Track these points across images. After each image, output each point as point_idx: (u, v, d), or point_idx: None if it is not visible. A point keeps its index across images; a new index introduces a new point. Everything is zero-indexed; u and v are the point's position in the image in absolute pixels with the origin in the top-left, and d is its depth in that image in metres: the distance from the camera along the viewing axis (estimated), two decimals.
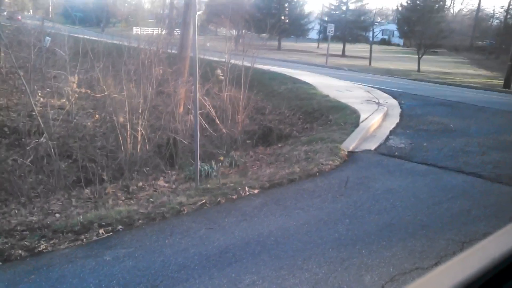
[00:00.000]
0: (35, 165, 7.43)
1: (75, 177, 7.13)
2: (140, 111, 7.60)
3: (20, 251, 3.94)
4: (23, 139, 8.68)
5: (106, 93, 8.11)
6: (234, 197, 5.37)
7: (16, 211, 5.65)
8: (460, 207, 5.13)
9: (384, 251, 4.01)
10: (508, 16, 50.63)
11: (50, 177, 7.15)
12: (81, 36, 14.80)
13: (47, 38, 10.31)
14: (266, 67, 15.43)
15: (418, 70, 27.76)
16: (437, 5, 43.51)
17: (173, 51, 12.89)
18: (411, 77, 22.91)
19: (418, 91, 14.87)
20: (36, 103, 9.29)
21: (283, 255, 3.93)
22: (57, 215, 5.32)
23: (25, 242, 4.11)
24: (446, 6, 52.22)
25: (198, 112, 6.09)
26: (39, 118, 7.47)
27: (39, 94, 10.14)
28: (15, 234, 4.47)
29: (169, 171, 7.11)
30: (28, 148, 7.25)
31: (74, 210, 5.48)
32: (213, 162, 6.88)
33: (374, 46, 36.65)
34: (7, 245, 4.05)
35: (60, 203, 5.86)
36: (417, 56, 29.85)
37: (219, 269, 3.66)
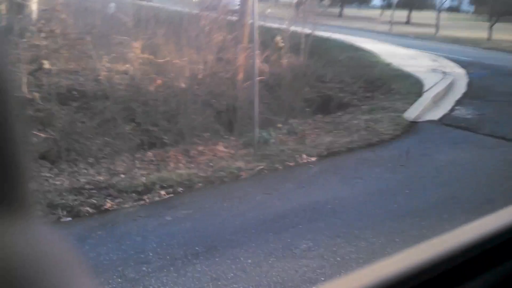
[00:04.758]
0: (103, 127, 7.76)
1: (139, 140, 7.38)
2: (200, 77, 7.69)
3: (88, 208, 4.17)
4: (91, 103, 9.06)
5: (167, 58, 8.25)
6: (291, 164, 5.38)
7: (85, 171, 5.95)
8: None
9: (445, 224, 3.90)
10: None
11: (115, 139, 7.45)
12: (145, 2, 15.12)
13: (112, 4, 10.56)
14: (326, 34, 15.09)
15: (490, 39, 26.17)
16: None
17: (234, 18, 12.87)
18: (481, 46, 21.66)
19: (488, 60, 14.06)
20: (103, 67, 9.63)
21: (339, 223, 3.92)
22: (122, 175, 5.56)
23: (93, 200, 4.34)
24: None
25: (256, 78, 6.08)
26: (103, 82, 7.74)
27: (105, 59, 10.48)
28: (84, 192, 4.72)
29: (228, 137, 7.21)
30: (94, 111, 7.56)
31: (138, 171, 5.70)
32: (271, 129, 6.89)
33: (442, 14, 34.80)
34: (76, 202, 4.29)
35: (125, 164, 6.10)
36: (488, 23, 28.10)
37: (275, 234, 3.71)
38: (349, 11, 48.13)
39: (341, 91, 10.00)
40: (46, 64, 10.96)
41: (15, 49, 11.22)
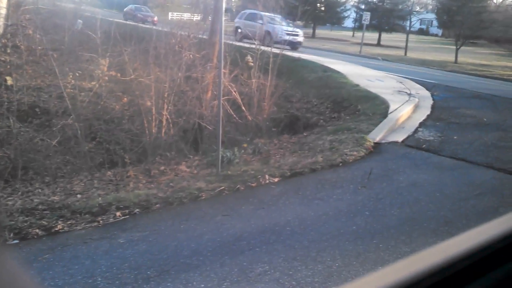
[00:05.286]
0: (63, 145, 7.56)
1: (101, 158, 7.21)
2: (165, 95, 7.60)
3: (37, 230, 4.00)
4: (53, 120, 8.85)
5: (132, 76, 8.14)
6: (253, 184, 5.31)
7: (40, 190, 5.76)
8: (487, 204, 4.94)
9: (403, 246, 3.88)
10: None
11: (76, 158, 7.26)
12: (116, 20, 14.99)
13: (79, 21, 10.42)
14: (297, 55, 15.27)
15: (456, 62, 26.89)
16: None
17: (204, 37, 12.87)
18: (447, 69, 22.22)
19: (453, 83, 14.42)
20: (67, 84, 9.44)
21: (297, 245, 3.85)
22: (79, 195, 5.40)
23: (43, 222, 4.17)
24: None
25: (221, 97, 6.04)
26: (67, 99, 7.58)
27: (71, 76, 10.29)
28: (35, 213, 4.54)
29: (192, 156, 7.12)
30: (54, 129, 7.37)
31: (96, 191, 5.55)
32: (235, 149, 6.83)
33: (411, 36, 35.69)
34: (25, 224, 4.11)
35: (83, 184, 5.94)
36: (455, 47, 28.93)
37: (232, 257, 3.62)
38: (321, 32, 48.92)
39: (308, 111, 10.05)
40: (9, 81, 10.69)
41: None
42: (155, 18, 30.72)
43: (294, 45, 20.05)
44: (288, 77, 12.61)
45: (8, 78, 10.73)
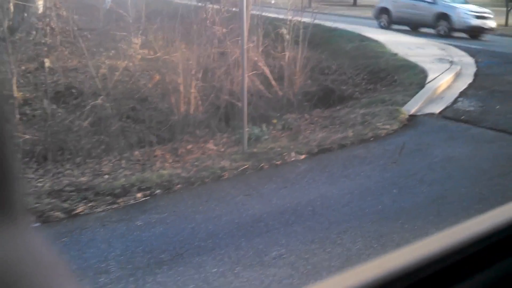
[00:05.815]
0: (96, 126, 7.65)
1: (131, 138, 7.24)
2: (193, 72, 7.51)
3: (58, 213, 4.04)
4: (88, 101, 8.97)
5: (158, 54, 8.09)
6: (278, 162, 5.17)
7: (71, 171, 5.84)
8: None
9: (430, 227, 3.66)
10: None
11: (108, 138, 7.33)
12: None
13: (107, 0, 10.43)
14: (334, 25, 14.74)
15: (506, 24, 25.33)
16: None
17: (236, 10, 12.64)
18: (495, 33, 20.98)
19: (501, 48, 13.54)
20: (101, 65, 9.52)
21: (317, 226, 3.72)
22: (106, 176, 5.43)
23: (65, 204, 4.21)
24: None
25: (245, 70, 5.88)
26: (96, 80, 7.63)
27: (104, 55, 10.39)
28: (62, 195, 4.60)
29: (222, 134, 7.03)
30: (84, 110, 7.46)
31: (122, 172, 5.57)
32: (264, 125, 6.68)
33: None
34: (48, 206, 4.16)
35: (111, 164, 5.98)
36: (505, 8, 27.22)
37: (248, 239, 3.53)
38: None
39: (343, 84, 9.72)
40: (47, 63, 10.91)
41: (20, 48, 11.22)
42: None
43: (482, 32, 15.62)
44: (323, 49, 12.22)
45: (46, 60, 10.96)
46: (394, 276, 0.63)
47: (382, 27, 15.27)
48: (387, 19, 16.43)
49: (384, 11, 16.89)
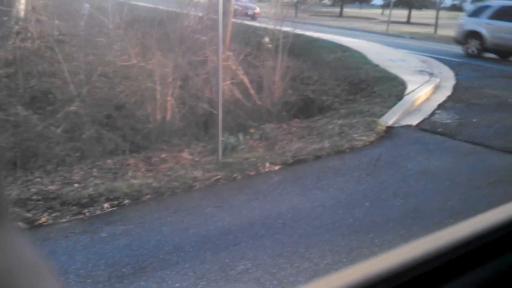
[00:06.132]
0: (72, 132, 7.49)
1: (105, 145, 7.11)
2: (170, 80, 7.42)
3: (21, 223, 3.90)
4: (65, 107, 8.81)
5: (134, 61, 7.98)
6: (252, 173, 5.09)
7: (40, 179, 5.69)
8: (501, 193, 4.56)
9: (400, 241, 3.60)
10: None
11: (83, 145, 7.18)
12: (132, 2, 14.82)
13: (85, 5, 10.29)
14: (317, 35, 14.75)
15: None
16: None
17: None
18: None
19: (481, 61, 13.69)
20: (79, 70, 9.38)
21: (286, 240, 3.63)
22: (76, 185, 5.29)
23: (29, 214, 4.07)
24: None
25: (221, 78, 5.79)
26: (71, 85, 7.50)
27: (82, 61, 10.23)
28: (28, 204, 4.46)
29: (198, 143, 6.93)
30: (58, 115, 7.31)
31: (93, 180, 5.43)
32: (240, 135, 6.60)
33: (444, 13, 34.45)
34: (11, 216, 4.01)
35: (83, 172, 5.83)
36: None
37: (214, 253, 3.43)
38: (350, 10, 47.80)
39: (323, 94, 9.71)
40: (26, 67, 10.73)
41: None
42: (257, 10, 25.73)
43: None
44: (305, 58, 12.26)
45: (24, 64, 10.78)
46: (385, 276, 0.64)
47: (469, 55, 13.57)
48: (478, 45, 13.97)
49: (471, 34, 14.11)
